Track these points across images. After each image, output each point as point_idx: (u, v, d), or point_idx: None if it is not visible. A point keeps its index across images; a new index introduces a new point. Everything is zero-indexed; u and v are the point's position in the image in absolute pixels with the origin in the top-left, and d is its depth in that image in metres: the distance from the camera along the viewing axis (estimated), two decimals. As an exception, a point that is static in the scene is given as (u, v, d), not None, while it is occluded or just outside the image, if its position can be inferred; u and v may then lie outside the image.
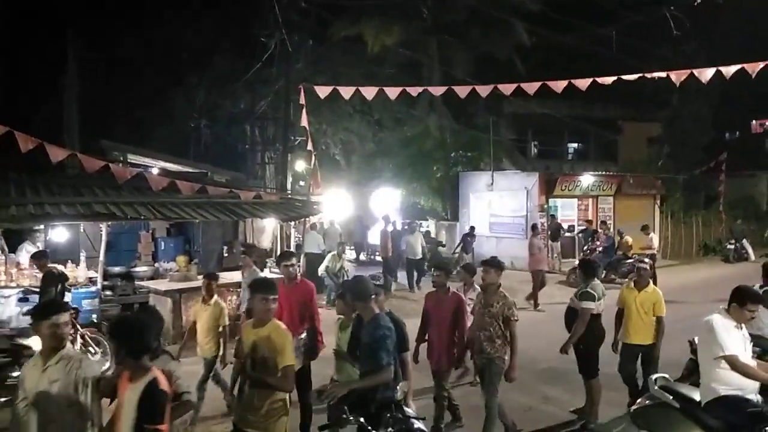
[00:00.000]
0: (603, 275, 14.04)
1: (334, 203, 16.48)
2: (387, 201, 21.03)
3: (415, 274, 14.94)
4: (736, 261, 20.08)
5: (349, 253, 19.05)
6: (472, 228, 17.69)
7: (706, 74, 8.83)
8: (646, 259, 6.74)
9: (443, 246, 18.06)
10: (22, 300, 8.66)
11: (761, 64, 8.44)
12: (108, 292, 10.04)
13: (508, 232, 18.88)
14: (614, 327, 6.68)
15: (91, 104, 17.45)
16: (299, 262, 12.75)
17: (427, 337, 6.17)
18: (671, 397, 4.88)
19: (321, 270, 12.85)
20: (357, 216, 20.35)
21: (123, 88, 18.83)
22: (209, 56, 20.44)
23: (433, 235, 19.47)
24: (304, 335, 6.01)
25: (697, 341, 5.01)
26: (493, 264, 5.94)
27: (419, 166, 21.54)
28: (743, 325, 4.58)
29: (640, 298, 6.44)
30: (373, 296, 4.50)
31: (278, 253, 12.64)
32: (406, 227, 16.54)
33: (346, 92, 10.35)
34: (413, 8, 20.49)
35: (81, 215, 9.05)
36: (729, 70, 8.66)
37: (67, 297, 8.71)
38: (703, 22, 16.22)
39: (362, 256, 20.45)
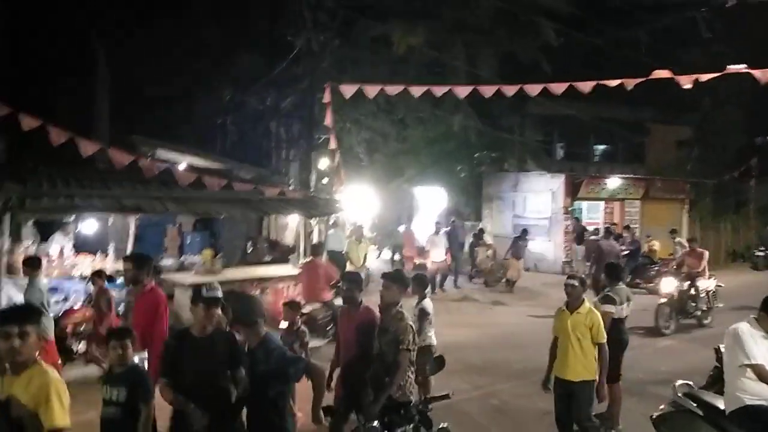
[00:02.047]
0: (628, 280, 13.86)
1: (358, 201, 16.51)
2: (431, 200, 20.57)
3: (438, 277, 14.51)
4: (765, 268, 19.66)
5: (386, 253, 18.68)
6: (524, 231, 16.36)
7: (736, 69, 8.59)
8: (578, 275, 5.56)
9: (492, 249, 17.13)
10: (52, 290, 8.86)
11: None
12: (135, 284, 10.21)
13: (532, 234, 18.76)
14: (548, 359, 5.67)
15: (121, 98, 17.76)
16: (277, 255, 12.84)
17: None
18: (695, 405, 4.83)
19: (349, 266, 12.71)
20: (398, 216, 19.93)
21: (152, 82, 19.13)
22: (236, 53, 20.66)
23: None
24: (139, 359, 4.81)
25: (722, 349, 4.94)
26: (396, 279, 5.01)
27: (443, 165, 21.49)
28: (773, 335, 4.49)
29: (573, 322, 5.35)
30: (260, 319, 3.85)
31: (302, 249, 12.75)
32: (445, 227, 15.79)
33: (371, 91, 10.39)
34: (439, 7, 20.45)
35: (110, 208, 9.25)
36: (759, 73, 8.47)
37: (95, 288, 8.92)
38: (735, 24, 15.88)
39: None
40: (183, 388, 3.76)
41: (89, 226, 11.56)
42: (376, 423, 4.16)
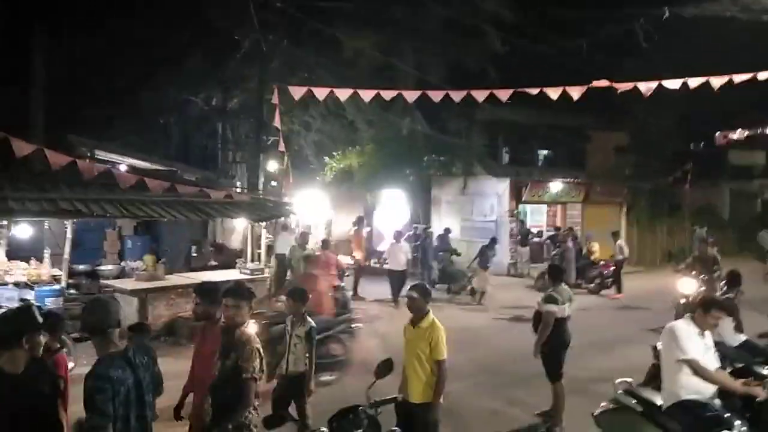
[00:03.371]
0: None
1: (308, 204, 16.36)
2: (387, 204, 20.39)
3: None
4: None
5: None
6: (493, 240, 15.46)
7: (673, 85, 9.11)
8: (415, 292, 4.95)
9: (458, 254, 16.13)
10: (-18, 296, 8.43)
11: (724, 78, 8.76)
12: (72, 291, 9.85)
13: (479, 236, 19.07)
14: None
15: (58, 97, 17.03)
16: (269, 263, 12.68)
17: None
18: (634, 401, 5.01)
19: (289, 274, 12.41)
20: (354, 220, 19.54)
21: (90, 81, 18.43)
22: (181, 51, 20.15)
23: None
24: None
25: (660, 346, 5.15)
26: (243, 294, 4.14)
27: (392, 168, 21.59)
28: (707, 333, 4.72)
29: (413, 336, 4.91)
30: (113, 328, 3.22)
31: (249, 253, 12.53)
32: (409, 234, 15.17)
33: (321, 93, 10.35)
34: (389, 13, 20.56)
35: (46, 211, 8.86)
36: (694, 83, 8.95)
37: (30, 295, 8.54)
38: (672, 36, 16.64)
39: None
40: None
41: (23, 230, 11.03)
42: (324, 429, 4.11)
